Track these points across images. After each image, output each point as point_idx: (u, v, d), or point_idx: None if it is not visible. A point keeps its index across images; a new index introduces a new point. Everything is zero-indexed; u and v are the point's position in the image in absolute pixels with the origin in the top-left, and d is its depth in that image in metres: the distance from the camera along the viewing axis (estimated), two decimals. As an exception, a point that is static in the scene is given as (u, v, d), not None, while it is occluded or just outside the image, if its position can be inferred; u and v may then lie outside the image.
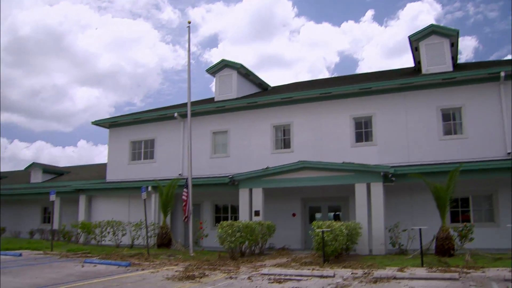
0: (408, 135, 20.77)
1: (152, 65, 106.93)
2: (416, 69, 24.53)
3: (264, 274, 13.18)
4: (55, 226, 27.46)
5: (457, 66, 23.45)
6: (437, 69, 21.70)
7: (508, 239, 16.05)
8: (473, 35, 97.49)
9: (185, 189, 20.07)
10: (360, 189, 18.59)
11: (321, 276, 12.71)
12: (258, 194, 20.45)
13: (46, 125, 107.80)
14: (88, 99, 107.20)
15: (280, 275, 13.04)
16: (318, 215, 22.54)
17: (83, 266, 16.12)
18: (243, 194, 20.83)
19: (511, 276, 11.38)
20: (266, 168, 20.35)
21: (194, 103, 24.81)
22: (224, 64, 26.52)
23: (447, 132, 20.46)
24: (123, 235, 23.13)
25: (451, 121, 20.52)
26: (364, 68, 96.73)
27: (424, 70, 22.13)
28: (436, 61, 21.95)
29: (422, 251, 14.32)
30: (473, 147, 19.59)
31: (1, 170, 48.51)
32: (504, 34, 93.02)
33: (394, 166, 18.84)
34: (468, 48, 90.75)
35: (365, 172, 18.60)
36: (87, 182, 29.63)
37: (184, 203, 20.07)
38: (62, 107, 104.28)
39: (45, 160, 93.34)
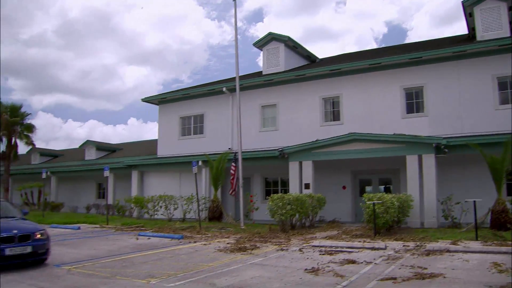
0: (461, 105, 20.14)
1: (198, 41, 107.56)
2: (470, 36, 23.63)
3: (315, 246, 13.21)
4: (110, 201, 28.26)
5: (514, 32, 22.44)
6: (492, 35, 20.80)
7: None
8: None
9: (233, 164, 20.23)
10: (411, 161, 18.25)
11: (373, 248, 12.64)
12: (308, 167, 20.40)
13: (97, 104, 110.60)
14: (137, 77, 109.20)
15: (331, 247, 13.05)
16: (368, 188, 22.31)
17: (137, 239, 16.57)
18: (293, 167, 20.82)
19: None
20: (316, 140, 20.24)
21: (242, 77, 24.80)
22: (271, 37, 26.33)
23: (504, 101, 19.68)
24: (175, 209, 23.57)
25: (508, 90, 19.72)
26: (413, 38, 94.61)
27: (479, 36, 21.29)
28: (492, 27, 21.07)
29: (476, 225, 13.98)
30: (532, 116, 18.80)
31: (57, 149, 50.23)
32: None
33: (447, 137, 18.36)
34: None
35: (417, 143, 18.22)
36: (138, 158, 30.30)
37: (232, 177, 20.25)
38: (112, 87, 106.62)
39: (97, 138, 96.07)
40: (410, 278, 8.67)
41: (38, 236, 10.66)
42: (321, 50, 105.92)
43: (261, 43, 26.83)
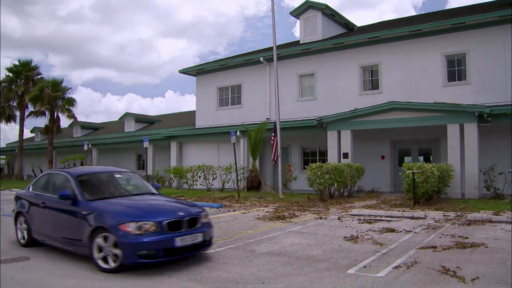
0: (507, 73, 19.41)
1: (233, 13, 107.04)
2: (515, 1, 22.76)
3: (354, 215, 13.22)
4: (149, 171, 28.74)
5: None
6: (538, -2, 20.00)
7: None
8: None
9: (273, 134, 20.26)
10: (452, 130, 17.89)
11: (412, 217, 12.57)
12: (346, 136, 20.25)
13: (135, 78, 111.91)
14: (173, 50, 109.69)
15: (369, 216, 13.03)
16: (407, 158, 22.04)
17: (176, 208, 16.83)
18: (331, 136, 20.71)
19: None
20: (355, 109, 20.02)
21: (279, 47, 24.59)
22: (308, 5, 25.93)
23: (552, 68, 18.99)
24: (213, 179, 23.82)
25: (557, 56, 19.00)
26: (454, 5, 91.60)
27: (526, 0, 20.49)
28: (543, -11, 20.21)
29: (520, 194, 13.70)
30: None
31: (97, 122, 51.24)
32: None
33: (490, 106, 17.87)
34: None
35: (458, 112, 17.82)
36: (177, 129, 30.60)
37: (272, 147, 20.32)
38: (149, 60, 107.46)
39: (136, 111, 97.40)
40: (450, 247, 8.61)
41: (204, 219, 8.31)
42: (359, 18, 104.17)
43: (298, 12, 26.47)
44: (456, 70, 20.76)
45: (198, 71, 29.18)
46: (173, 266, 7.64)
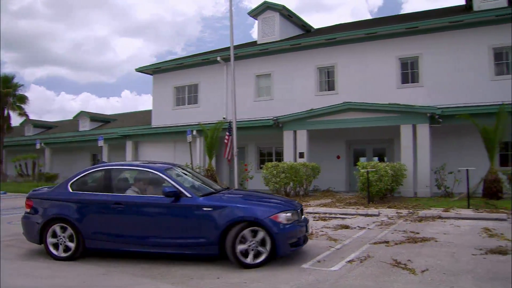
0: (457, 76, 20.06)
1: (192, 13, 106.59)
2: (467, 7, 23.43)
3: (309, 213, 13.33)
4: (104, 171, 28.23)
5: None
6: (490, 5, 20.58)
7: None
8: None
9: (227, 133, 20.22)
10: (405, 131, 18.30)
11: (366, 215, 12.80)
12: (302, 136, 20.43)
13: (90, 77, 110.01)
14: (130, 50, 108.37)
15: (324, 213, 13.21)
16: (362, 159, 22.35)
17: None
18: (288, 136, 20.85)
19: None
20: (311, 109, 20.22)
21: (236, 47, 24.62)
22: (266, 6, 26.04)
23: (500, 72, 19.61)
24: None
25: (503, 60, 19.68)
26: (408, 10, 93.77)
27: (476, 7, 21.08)
28: (490, -3, 20.91)
29: (468, 193, 14.12)
30: (528, 88, 18.80)
31: (50, 121, 50.04)
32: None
33: (442, 108, 18.37)
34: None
35: (411, 113, 18.25)
36: (133, 128, 30.20)
37: (226, 146, 20.27)
38: (105, 59, 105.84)
39: (91, 110, 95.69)
40: (402, 241, 8.83)
41: None
42: (316, 21, 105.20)
43: (256, 12, 26.57)
44: (409, 72, 21.25)
45: (155, 70, 28.89)
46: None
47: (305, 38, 24.46)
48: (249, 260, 7.18)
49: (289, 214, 7.42)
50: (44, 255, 8.13)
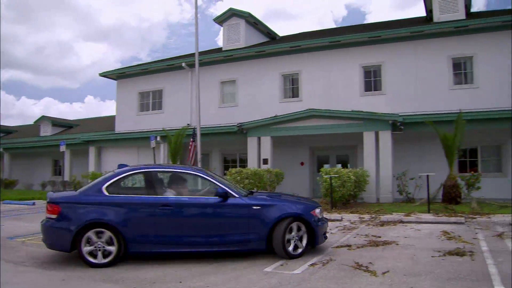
0: (418, 85, 20.55)
1: (158, 19, 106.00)
2: (427, 18, 24.02)
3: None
4: (66, 177, 27.78)
5: (470, 15, 22.96)
6: (449, 17, 21.23)
7: (516, 189, 16.06)
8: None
9: (191, 139, 20.14)
10: (368, 137, 18.56)
11: (329, 220, 12.86)
12: (266, 142, 20.49)
13: (53, 81, 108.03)
14: (94, 54, 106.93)
15: (288, 219, 13.23)
16: (326, 166, 22.57)
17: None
18: (252, 142, 20.88)
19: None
20: (275, 116, 20.32)
21: (202, 53, 24.61)
22: (232, 13, 26.13)
23: (458, 81, 20.21)
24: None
25: (461, 71, 20.26)
26: (372, 21, 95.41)
27: (436, 18, 21.68)
28: (449, 9, 21.48)
29: (428, 197, 14.43)
30: (484, 97, 19.33)
31: (11, 125, 48.82)
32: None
33: (403, 115, 18.73)
34: (479, 2, 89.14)
35: (374, 120, 18.54)
36: (96, 134, 29.76)
37: (189, 153, 20.18)
38: (68, 63, 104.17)
39: (53, 116, 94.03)
40: (364, 245, 8.95)
41: None
42: (282, 29, 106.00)
43: (222, 19, 26.61)
44: (372, 80, 21.62)
45: (119, 75, 28.59)
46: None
47: (270, 45, 24.62)
48: (292, 251, 8.02)
49: (319, 210, 8.56)
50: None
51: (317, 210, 8.41)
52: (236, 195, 8.11)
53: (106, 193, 7.88)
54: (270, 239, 7.95)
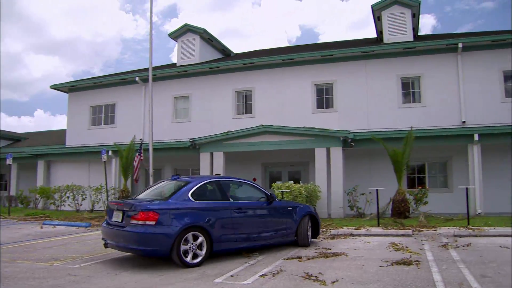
0: (368, 103, 21.11)
1: (112, 34, 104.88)
2: (378, 39, 24.82)
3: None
4: (12, 192, 26.94)
5: (417, 37, 23.86)
6: (398, 39, 22.02)
7: (460, 204, 16.49)
8: (433, 13, 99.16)
9: (137, 154, 19.84)
10: (320, 154, 18.83)
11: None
12: (219, 158, 20.48)
13: (1, 94, 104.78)
14: (45, 67, 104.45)
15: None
16: (279, 182, 22.69)
17: (41, 227, 16.09)
18: (204, 158, 20.83)
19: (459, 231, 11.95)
20: (228, 132, 20.37)
21: (155, 68, 24.54)
22: (187, 29, 26.23)
23: (406, 100, 20.92)
24: (83, 199, 22.85)
25: (410, 90, 20.94)
26: (325, 41, 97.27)
27: (386, 39, 22.41)
28: (398, 31, 22.27)
29: (378, 212, 14.75)
30: (431, 115, 20.09)
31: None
32: (463, 13, 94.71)
33: (354, 132, 19.12)
34: (426, 26, 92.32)
35: (325, 136, 18.83)
36: (45, 147, 29.04)
37: (135, 168, 19.90)
38: (17, 75, 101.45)
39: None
40: (314, 257, 9.07)
41: None
42: (237, 46, 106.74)
43: (177, 34, 26.65)
44: (324, 98, 22.03)
45: (71, 87, 28.10)
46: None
47: (224, 61, 24.79)
48: (310, 239, 10.86)
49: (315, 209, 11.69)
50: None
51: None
52: (276, 199, 10.40)
53: (193, 200, 8.87)
54: (296, 232, 10.47)
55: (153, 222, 8.10)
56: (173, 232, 8.12)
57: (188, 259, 8.27)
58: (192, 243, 8.37)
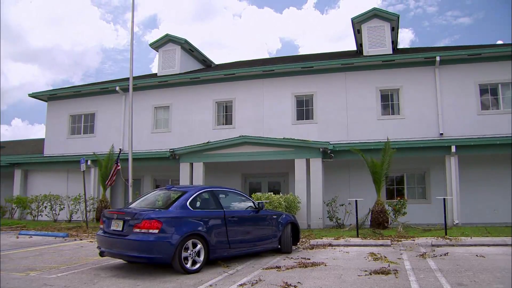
0: (348, 114, 21.28)
1: (92, 43, 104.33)
2: (357, 52, 25.09)
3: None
4: (-13, 201, 26.51)
5: (396, 50, 24.18)
6: (377, 51, 22.30)
7: (438, 215, 16.67)
8: (411, 28, 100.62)
9: (115, 163, 19.67)
10: (299, 165, 18.91)
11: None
12: (199, 168, 20.44)
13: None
14: (23, 76, 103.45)
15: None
16: (258, 193, 22.69)
17: (17, 237, 15.87)
18: (184, 168, 20.76)
19: (437, 241, 12.08)
20: (207, 142, 20.36)
21: (136, 78, 24.48)
22: (168, 39, 26.22)
23: (386, 112, 21.15)
24: (61, 209, 22.58)
25: (389, 102, 21.19)
26: (305, 53, 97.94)
27: (365, 52, 22.67)
28: (377, 44, 22.56)
29: (357, 222, 14.85)
30: (409, 127, 20.33)
31: None
32: (441, 28, 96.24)
33: (333, 143, 19.23)
34: (405, 40, 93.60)
35: (305, 147, 18.93)
36: (23, 156, 28.68)
37: (111, 176, 19.71)
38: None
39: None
40: (293, 266, 9.08)
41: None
42: (218, 57, 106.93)
43: (158, 44, 26.63)
44: (304, 109, 22.15)
45: (50, 96, 27.80)
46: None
47: (205, 72, 24.85)
48: (292, 245, 11.61)
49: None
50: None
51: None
52: (264, 207, 10.97)
53: (191, 209, 9.20)
54: (280, 239, 10.98)
55: (156, 231, 8.29)
56: (175, 240, 8.36)
57: (188, 265, 8.52)
58: (192, 250, 8.65)
